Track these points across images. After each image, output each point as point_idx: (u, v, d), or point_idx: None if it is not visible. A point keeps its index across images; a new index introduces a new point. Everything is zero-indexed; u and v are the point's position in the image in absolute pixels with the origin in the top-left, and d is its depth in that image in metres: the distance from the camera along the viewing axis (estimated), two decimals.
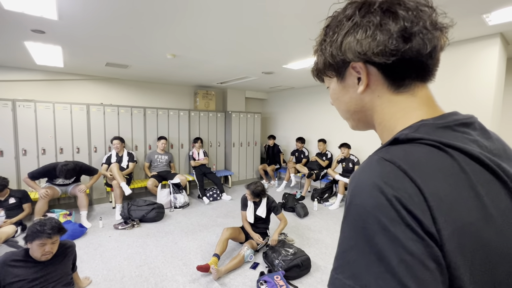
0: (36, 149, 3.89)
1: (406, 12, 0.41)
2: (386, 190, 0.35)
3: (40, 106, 3.89)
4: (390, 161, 0.37)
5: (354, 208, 0.37)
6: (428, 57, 0.43)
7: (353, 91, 0.49)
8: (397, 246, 0.32)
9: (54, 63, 3.72)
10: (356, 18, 0.44)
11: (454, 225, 0.34)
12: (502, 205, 0.37)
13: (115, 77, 4.90)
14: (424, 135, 0.39)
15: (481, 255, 0.34)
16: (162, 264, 2.61)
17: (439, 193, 0.34)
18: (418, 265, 0.32)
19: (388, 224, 0.33)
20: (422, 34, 0.41)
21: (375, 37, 0.42)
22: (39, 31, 2.47)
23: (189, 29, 2.41)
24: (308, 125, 6.03)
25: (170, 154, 4.85)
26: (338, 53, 0.46)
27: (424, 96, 0.46)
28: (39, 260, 1.65)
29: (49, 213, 3.40)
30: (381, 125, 0.49)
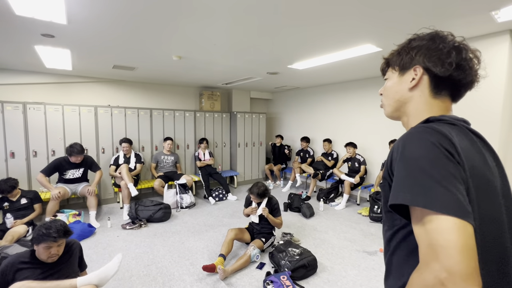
0: (46, 151, 3.97)
1: (466, 53, 0.64)
2: (432, 139, 0.53)
3: (50, 108, 3.97)
4: (430, 127, 0.56)
5: (408, 152, 0.54)
6: (463, 85, 0.66)
7: (405, 85, 0.70)
8: (441, 170, 0.49)
9: (63, 66, 3.79)
10: (437, 41, 0.65)
11: (471, 163, 0.53)
12: (493, 163, 0.61)
13: (121, 79, 4.97)
14: (446, 117, 0.61)
15: (483, 188, 0.54)
16: (169, 263, 2.64)
17: (462, 145, 0.54)
18: (455, 180, 0.49)
19: (435, 157, 0.51)
20: (467, 71, 0.63)
21: (441, 56, 0.63)
22: (49, 35, 2.52)
23: (194, 31, 2.43)
24: (313, 125, 6.01)
25: (176, 155, 4.90)
26: (412, 55, 0.67)
27: (448, 105, 0.68)
28: (46, 262, 1.66)
29: (59, 213, 3.47)
30: (412, 115, 0.69)
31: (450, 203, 0.46)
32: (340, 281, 2.39)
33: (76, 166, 3.64)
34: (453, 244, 0.44)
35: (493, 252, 0.54)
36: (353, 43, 2.74)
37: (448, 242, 0.44)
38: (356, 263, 2.68)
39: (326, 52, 3.09)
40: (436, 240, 0.46)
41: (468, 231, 0.45)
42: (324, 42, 2.73)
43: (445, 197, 0.47)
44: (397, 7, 1.94)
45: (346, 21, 2.18)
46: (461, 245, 0.44)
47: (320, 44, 2.80)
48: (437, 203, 0.47)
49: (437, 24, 2.23)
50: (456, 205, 0.46)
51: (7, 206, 3.06)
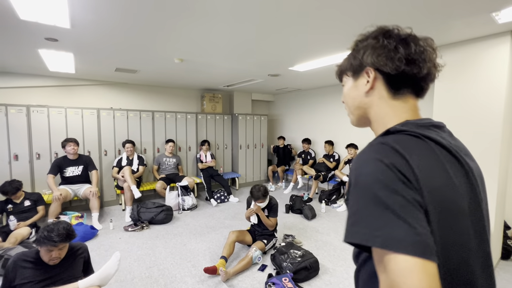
0: (49, 153, 4.00)
1: (415, 45, 0.58)
2: (385, 160, 0.47)
3: (53, 111, 4.01)
4: (385, 143, 0.51)
5: (361, 178, 0.49)
6: (421, 79, 0.59)
7: (361, 90, 0.64)
8: (397, 196, 0.44)
9: (66, 69, 3.83)
10: (380, 38, 0.60)
11: (430, 187, 0.47)
12: (461, 180, 0.52)
13: (124, 82, 5.00)
14: (409, 129, 0.54)
15: (446, 211, 0.48)
16: (171, 265, 2.65)
17: (420, 165, 0.48)
18: (413, 208, 0.44)
19: (388, 182, 0.45)
20: (420, 63, 0.57)
21: (388, 54, 0.58)
22: (53, 39, 2.55)
23: (196, 33, 2.45)
24: (315, 126, 6.01)
25: (178, 157, 4.92)
26: (359, 58, 0.62)
27: (413, 104, 0.61)
28: (48, 264, 1.65)
29: (62, 215, 3.49)
30: (376, 122, 0.63)
31: (409, 241, 0.41)
32: (342, 283, 2.38)
33: (74, 163, 3.73)
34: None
35: (459, 279, 0.49)
36: None
37: (410, 286, 0.40)
38: None
39: (327, 54, 3.11)
40: (397, 284, 0.41)
41: (430, 271, 0.40)
42: (325, 44, 2.74)
43: (404, 233, 0.42)
44: (398, 9, 1.95)
45: (347, 23, 2.19)
46: None
47: (321, 46, 2.81)
48: (394, 241, 0.42)
49: (437, 25, 2.23)
50: (416, 242, 0.41)
51: (11, 208, 3.08)
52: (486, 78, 2.43)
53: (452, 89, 2.63)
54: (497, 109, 2.37)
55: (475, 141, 2.49)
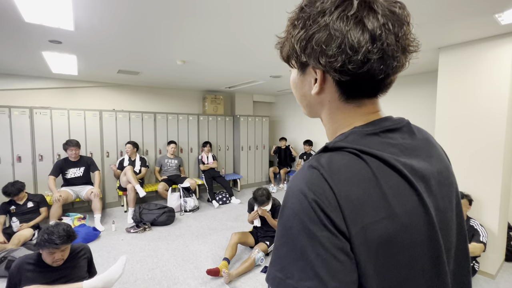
0: (52, 155, 4.02)
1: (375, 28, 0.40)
2: (308, 194, 0.40)
3: (56, 113, 4.03)
4: (315, 167, 0.43)
5: (285, 210, 0.43)
6: (380, 81, 0.44)
7: (308, 88, 0.51)
8: (315, 243, 0.39)
9: (69, 71, 3.85)
10: (327, 19, 0.42)
11: (362, 223, 0.39)
12: (408, 204, 0.42)
13: (126, 84, 5.02)
14: (347, 144, 0.44)
15: (384, 248, 0.40)
16: (173, 267, 2.65)
17: (351, 196, 0.40)
18: (330, 258, 0.38)
19: (309, 224, 0.39)
20: (382, 59, 0.41)
21: (337, 55, 0.41)
22: (56, 42, 2.57)
23: (199, 35, 2.46)
24: (316, 128, 6.00)
25: (179, 158, 4.92)
26: (302, 53, 0.45)
27: (368, 107, 0.49)
28: (52, 266, 1.66)
29: (65, 217, 3.50)
30: (327, 125, 0.53)
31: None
32: None
33: (75, 164, 3.75)
34: None
35: None
36: None
37: None
38: None
39: None
40: None
41: None
42: None
43: (314, 285, 0.38)
44: None
45: None
46: None
47: None
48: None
49: (440, 27, 2.23)
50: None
51: (13, 209, 3.09)
52: (489, 79, 2.43)
53: (455, 90, 2.62)
54: (501, 109, 2.37)
55: (478, 141, 2.48)
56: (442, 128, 2.72)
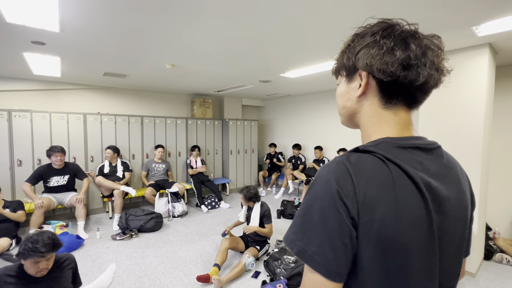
0: (31, 160, 3.84)
1: (416, 46, 0.50)
2: (333, 184, 0.48)
3: (37, 116, 3.86)
4: (345, 164, 0.50)
5: (311, 191, 0.52)
6: (417, 88, 0.52)
7: (353, 93, 0.59)
8: (327, 222, 0.48)
9: (52, 73, 3.72)
10: (377, 36, 0.53)
11: (370, 216, 0.47)
12: (415, 213, 0.48)
13: (112, 86, 4.90)
14: (377, 150, 0.51)
15: (382, 243, 0.47)
16: (162, 275, 2.58)
17: (367, 193, 0.47)
18: (336, 237, 0.47)
19: (326, 207, 0.48)
20: (419, 68, 0.50)
21: (383, 57, 0.51)
22: (39, 43, 2.48)
23: (189, 39, 2.45)
24: (305, 132, 6.09)
25: (167, 163, 4.84)
26: (353, 58, 0.56)
27: (403, 118, 0.56)
28: (35, 276, 1.58)
29: (46, 224, 3.34)
30: (363, 129, 0.60)
31: (316, 259, 0.47)
32: None
33: (59, 172, 3.53)
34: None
35: None
36: None
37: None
38: None
39: (319, 61, 3.18)
40: (304, 285, 0.51)
41: (325, 286, 0.47)
42: (318, 51, 2.81)
43: (316, 252, 0.48)
44: None
45: (339, 32, 2.26)
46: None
47: (314, 53, 2.88)
48: (306, 255, 0.48)
49: None
50: (321, 263, 0.47)
51: None
52: (468, 85, 2.56)
53: (438, 96, 2.75)
54: (478, 113, 2.51)
55: (459, 144, 2.61)
56: (425, 131, 2.84)
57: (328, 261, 0.47)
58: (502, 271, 2.70)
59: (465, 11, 1.85)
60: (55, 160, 3.44)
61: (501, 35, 2.26)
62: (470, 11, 1.86)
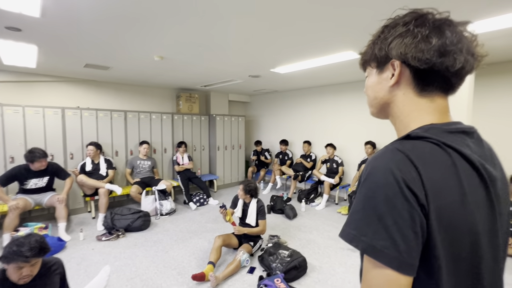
0: (3, 157, 3.53)
1: (451, 33, 0.51)
2: (396, 172, 0.46)
3: (8, 110, 3.55)
4: (402, 151, 0.49)
5: (369, 183, 0.49)
6: (454, 74, 0.52)
7: (385, 83, 0.59)
8: (395, 212, 0.45)
9: (26, 63, 3.43)
10: (410, 26, 0.53)
11: (439, 202, 0.46)
12: (477, 196, 0.50)
13: (92, 79, 4.62)
14: (430, 135, 0.51)
15: (452, 227, 0.47)
16: (154, 275, 2.50)
17: (433, 178, 0.46)
18: (406, 226, 0.45)
19: (392, 196, 0.45)
20: (455, 54, 0.50)
21: (418, 45, 0.51)
22: (15, 29, 2.26)
23: (180, 31, 2.35)
24: (292, 127, 6.14)
25: (153, 160, 4.67)
26: (385, 49, 0.56)
27: (440, 104, 0.56)
28: (18, 284, 1.45)
29: (22, 227, 3.10)
30: (398, 119, 0.59)
31: (388, 254, 0.45)
32: (330, 280, 2.45)
33: (39, 174, 3.25)
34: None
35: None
36: (336, 49, 2.86)
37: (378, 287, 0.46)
38: (343, 261, 2.78)
39: (309, 57, 3.19)
40: (370, 282, 0.48)
41: (400, 282, 0.45)
42: (308, 47, 2.81)
43: (385, 246, 0.45)
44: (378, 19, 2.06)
45: (330, 29, 2.27)
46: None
47: (305, 49, 2.88)
48: (375, 250, 0.46)
49: None
50: (393, 257, 0.44)
51: None
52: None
53: None
54: (460, 110, 2.65)
55: None
56: None
57: (401, 253, 0.44)
58: None
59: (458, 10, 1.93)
60: (39, 166, 3.15)
61: (486, 35, 2.39)
62: (462, 11, 1.95)
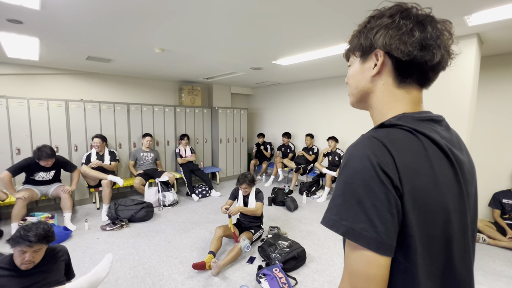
0: (9, 149, 3.61)
1: (432, 29, 0.53)
2: (372, 157, 0.49)
3: (13, 102, 3.61)
4: (377, 138, 0.51)
5: (347, 169, 0.52)
6: (431, 68, 0.56)
7: (367, 73, 0.61)
8: (372, 195, 0.48)
9: (28, 56, 3.46)
10: (396, 18, 0.55)
11: (412, 183, 0.49)
12: (447, 177, 0.53)
13: (95, 72, 4.65)
14: (402, 123, 0.54)
15: (426, 207, 0.50)
16: (157, 263, 2.57)
17: (406, 162, 0.49)
18: (383, 208, 0.47)
19: (369, 181, 0.48)
20: (434, 49, 0.53)
21: (402, 37, 0.53)
22: (16, 21, 2.28)
23: (182, 24, 2.34)
24: (294, 120, 6.12)
25: (156, 152, 4.72)
26: (371, 38, 0.57)
27: (415, 96, 0.59)
28: (20, 269, 1.51)
29: (29, 217, 3.19)
30: (376, 109, 0.62)
31: (367, 236, 0.47)
32: (328, 270, 2.49)
33: (46, 169, 3.34)
34: (362, 273, 0.48)
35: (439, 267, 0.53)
36: (338, 41, 2.82)
37: (358, 271, 0.48)
38: (341, 252, 2.81)
39: (311, 49, 3.16)
40: (351, 265, 0.50)
41: (379, 263, 0.47)
42: (311, 39, 2.78)
43: (364, 228, 0.47)
44: None
45: (333, 20, 2.24)
46: (368, 275, 0.47)
47: (307, 41, 2.85)
48: (355, 233, 0.48)
49: None
50: (372, 238, 0.46)
51: None
52: (455, 75, 2.64)
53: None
54: (464, 102, 2.61)
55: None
56: None
57: (379, 234, 0.46)
58: (479, 249, 2.91)
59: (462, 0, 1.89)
60: (45, 164, 3.23)
61: (490, 25, 2.33)
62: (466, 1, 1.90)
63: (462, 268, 0.55)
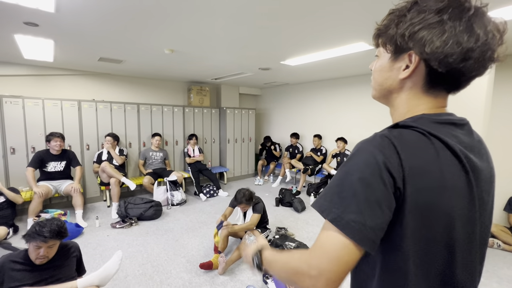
0: (25, 147, 3.73)
1: (484, 34, 0.47)
2: (379, 155, 0.48)
3: (29, 102, 3.73)
4: (388, 137, 0.50)
5: (352, 162, 0.51)
6: (466, 80, 0.52)
7: (396, 73, 0.56)
8: (369, 190, 0.47)
9: (44, 57, 3.57)
10: (444, 16, 0.47)
11: (416, 185, 0.48)
12: (457, 183, 0.51)
13: (107, 73, 4.75)
14: (417, 125, 0.52)
15: (427, 210, 0.49)
16: (165, 261, 2.60)
17: (413, 164, 0.48)
18: (376, 205, 0.47)
19: (369, 176, 0.48)
20: (476, 63, 0.48)
21: (445, 47, 0.47)
22: (33, 24, 2.35)
23: (191, 25, 2.37)
24: (302, 121, 6.09)
25: (165, 151, 4.79)
26: (408, 39, 0.51)
27: (441, 100, 0.56)
28: (35, 263, 1.57)
29: (43, 213, 3.30)
30: (398, 110, 0.59)
31: (354, 227, 0.46)
32: None
33: (57, 158, 3.53)
34: (334, 255, 0.47)
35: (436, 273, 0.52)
36: (347, 41, 2.79)
37: (331, 252, 0.47)
38: None
39: (320, 49, 3.14)
40: (324, 244, 0.49)
41: (355, 252, 0.47)
42: (319, 39, 2.76)
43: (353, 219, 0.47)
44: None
45: (342, 19, 2.22)
46: (338, 258, 0.47)
47: (315, 41, 2.83)
48: (342, 222, 0.47)
49: None
50: (359, 229, 0.46)
51: None
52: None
53: None
54: (479, 104, 2.54)
55: None
56: None
57: (366, 228, 0.46)
58: (493, 254, 2.82)
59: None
60: (54, 145, 3.44)
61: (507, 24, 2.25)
62: None
63: (463, 276, 0.54)
